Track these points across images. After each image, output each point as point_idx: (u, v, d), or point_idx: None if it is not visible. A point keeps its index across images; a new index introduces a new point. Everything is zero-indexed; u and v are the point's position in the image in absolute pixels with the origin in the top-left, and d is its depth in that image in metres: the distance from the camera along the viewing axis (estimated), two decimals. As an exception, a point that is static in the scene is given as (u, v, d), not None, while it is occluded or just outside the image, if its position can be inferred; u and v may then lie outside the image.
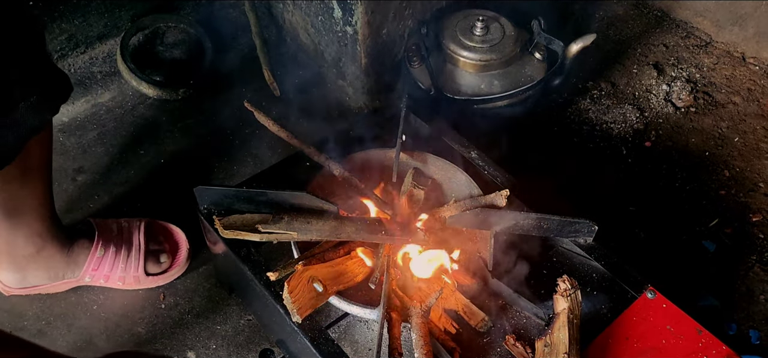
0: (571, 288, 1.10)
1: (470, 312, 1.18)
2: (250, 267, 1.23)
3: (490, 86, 1.63)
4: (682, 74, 2.03)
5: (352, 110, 1.96)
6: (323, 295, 1.15)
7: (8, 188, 1.28)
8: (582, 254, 1.28)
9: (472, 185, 1.35)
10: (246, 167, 1.81)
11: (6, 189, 1.28)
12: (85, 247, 1.48)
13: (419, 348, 1.06)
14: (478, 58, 1.63)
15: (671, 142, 1.87)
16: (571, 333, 1.07)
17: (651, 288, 1.20)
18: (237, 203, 1.28)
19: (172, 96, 1.97)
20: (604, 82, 2.03)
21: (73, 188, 1.75)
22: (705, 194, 1.75)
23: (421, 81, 1.64)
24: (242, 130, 1.90)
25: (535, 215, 1.23)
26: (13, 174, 1.23)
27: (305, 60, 2.10)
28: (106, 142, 1.87)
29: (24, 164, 1.23)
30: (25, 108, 1.09)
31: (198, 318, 1.50)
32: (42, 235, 1.40)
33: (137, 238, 1.52)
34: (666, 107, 1.95)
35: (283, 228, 1.21)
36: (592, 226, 1.25)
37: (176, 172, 1.80)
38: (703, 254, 1.63)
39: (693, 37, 2.16)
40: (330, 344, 1.13)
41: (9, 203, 1.30)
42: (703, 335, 1.14)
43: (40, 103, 1.13)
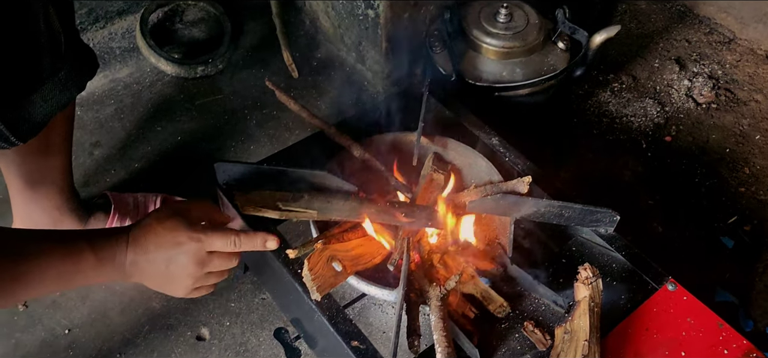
0: (592, 276, 1.09)
1: (489, 297, 1.17)
2: (268, 244, 1.22)
3: (512, 74, 1.62)
4: (704, 70, 2.02)
5: (371, 95, 1.95)
6: (342, 274, 1.14)
7: (30, 160, 1.28)
8: (602, 244, 1.27)
9: (492, 171, 1.34)
10: (262, 148, 1.81)
11: (28, 162, 1.28)
12: (102, 220, 1.48)
13: (438, 330, 1.06)
14: (501, 45, 1.62)
15: (691, 137, 1.86)
16: (592, 321, 1.06)
17: (672, 280, 1.19)
18: (256, 180, 1.27)
19: (190, 74, 1.97)
20: (626, 76, 2.01)
21: (90, 162, 1.75)
22: (724, 191, 1.74)
23: (442, 67, 1.63)
24: (259, 111, 1.90)
25: (557, 202, 1.22)
26: (36, 147, 1.23)
27: (324, 43, 2.09)
28: (124, 117, 1.87)
29: (47, 138, 1.23)
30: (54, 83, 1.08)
31: (212, 295, 1.50)
32: (60, 208, 1.40)
33: (153, 212, 1.52)
34: (687, 103, 1.94)
35: (302, 206, 1.20)
36: (613, 215, 1.24)
37: (192, 150, 1.79)
38: (721, 250, 1.62)
39: (716, 34, 2.14)
40: (348, 324, 1.12)
41: (30, 176, 1.30)
42: (724, 328, 1.13)
43: (69, 79, 1.13)
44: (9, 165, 1.29)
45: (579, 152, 1.80)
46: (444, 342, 1.04)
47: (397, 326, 1.06)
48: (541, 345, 1.11)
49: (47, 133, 1.18)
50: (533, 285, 1.19)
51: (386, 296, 1.19)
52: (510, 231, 1.23)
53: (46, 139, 1.24)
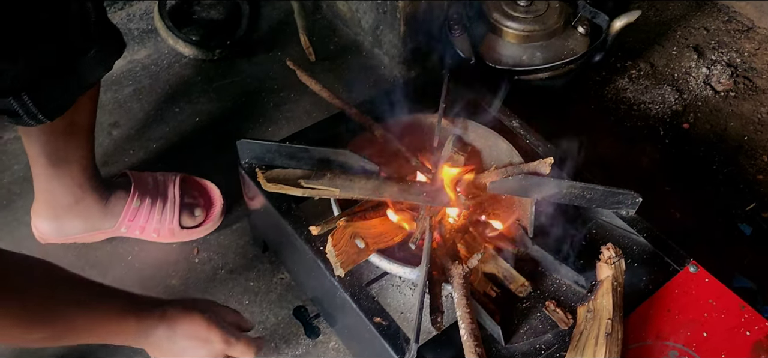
0: (615, 256, 1.09)
1: (510, 276, 1.18)
2: (290, 221, 1.23)
3: (531, 58, 1.62)
4: (722, 58, 2.01)
5: (387, 79, 1.96)
6: (365, 251, 1.15)
7: (55, 138, 1.29)
8: (623, 226, 1.27)
9: (513, 152, 1.35)
10: (280, 130, 1.81)
11: (52, 140, 1.29)
12: (122, 198, 1.49)
13: (462, 307, 1.06)
14: (522, 28, 1.62)
15: (709, 125, 1.85)
16: (615, 300, 1.06)
17: (693, 262, 1.19)
18: (278, 159, 1.28)
19: (208, 56, 1.97)
20: (643, 63, 2.01)
21: (109, 141, 1.76)
22: (742, 178, 1.73)
23: (461, 50, 1.63)
24: (277, 94, 1.90)
25: (579, 183, 1.23)
26: (62, 126, 1.24)
27: (341, 27, 2.09)
28: (142, 98, 1.88)
29: (72, 117, 1.24)
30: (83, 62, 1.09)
31: (231, 274, 1.51)
32: (82, 186, 1.41)
33: (172, 191, 1.53)
34: (705, 90, 1.93)
35: (325, 184, 1.21)
36: (636, 197, 1.24)
37: (210, 132, 1.80)
38: (739, 236, 1.62)
39: (735, 22, 2.13)
40: (370, 300, 1.13)
41: (54, 154, 1.31)
42: (746, 310, 1.13)
43: (97, 59, 1.14)
44: (33, 143, 1.30)
45: (596, 138, 1.80)
46: (467, 319, 1.05)
47: (420, 303, 1.06)
48: (563, 324, 1.12)
49: (73, 112, 1.18)
50: (555, 265, 1.20)
51: (408, 275, 1.19)
52: (531, 212, 1.23)
53: (72, 118, 1.25)
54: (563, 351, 1.09)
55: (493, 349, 1.10)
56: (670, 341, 1.10)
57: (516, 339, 1.11)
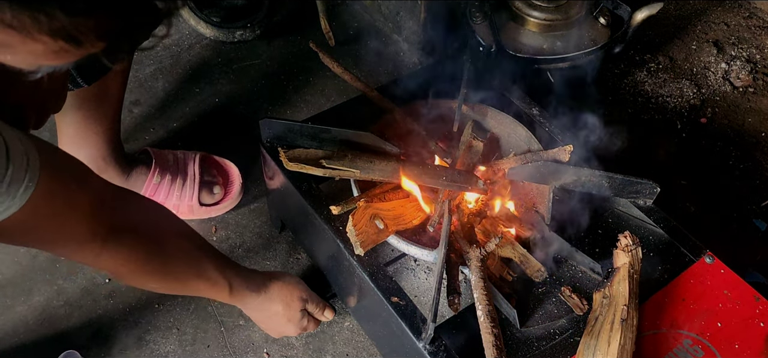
0: (632, 244, 1.11)
1: (527, 262, 1.19)
2: (310, 201, 1.24)
3: (552, 47, 1.63)
4: (742, 54, 2.01)
5: (406, 65, 1.97)
6: (384, 232, 1.17)
7: (86, 106, 1.31)
8: (639, 216, 1.28)
9: (532, 140, 1.36)
10: (299, 113, 1.83)
11: (84, 107, 1.31)
12: (143, 173, 1.51)
13: (479, 289, 1.08)
14: (543, 17, 1.62)
15: (727, 120, 1.85)
16: (631, 287, 1.07)
17: (709, 253, 1.20)
18: (300, 139, 1.29)
19: (229, 38, 1.99)
20: (662, 56, 2.01)
21: (130, 119, 1.78)
22: (759, 174, 1.74)
23: (482, 38, 1.64)
24: (296, 77, 1.92)
25: (598, 172, 1.24)
26: (94, 93, 1.25)
27: (361, 12, 2.10)
28: (162, 78, 1.89)
29: (105, 85, 1.26)
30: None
31: (248, 252, 1.53)
32: (105, 158, 1.43)
33: (192, 168, 1.55)
34: (724, 86, 1.93)
35: (346, 165, 1.22)
36: (654, 187, 1.25)
37: (230, 112, 1.82)
38: (754, 232, 1.62)
39: (755, 18, 2.13)
40: (388, 280, 1.14)
41: (83, 122, 1.33)
42: (761, 302, 1.14)
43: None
44: (65, 110, 1.31)
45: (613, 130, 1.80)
46: (484, 300, 1.06)
47: (437, 284, 1.07)
48: (579, 310, 1.13)
49: (106, 81, 1.20)
50: (571, 252, 1.21)
51: (426, 257, 1.20)
52: (549, 198, 1.24)
53: (104, 86, 1.27)
54: (577, 336, 1.10)
55: (508, 332, 1.11)
56: (684, 329, 1.11)
57: (531, 323, 1.13)
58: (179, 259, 1.09)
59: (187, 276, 1.12)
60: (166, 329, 1.39)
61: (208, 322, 1.40)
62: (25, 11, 0.43)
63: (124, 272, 1.04)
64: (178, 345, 1.37)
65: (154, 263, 1.04)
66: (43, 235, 0.87)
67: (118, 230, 0.95)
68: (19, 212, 0.76)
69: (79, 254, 0.94)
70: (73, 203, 0.88)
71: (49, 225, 0.85)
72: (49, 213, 0.83)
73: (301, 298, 1.28)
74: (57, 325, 1.38)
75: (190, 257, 1.10)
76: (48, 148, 0.84)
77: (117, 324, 1.39)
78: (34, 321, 1.38)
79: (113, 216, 0.95)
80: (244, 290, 1.20)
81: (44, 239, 0.90)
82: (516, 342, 1.10)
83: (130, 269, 1.02)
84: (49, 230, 0.86)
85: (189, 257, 1.10)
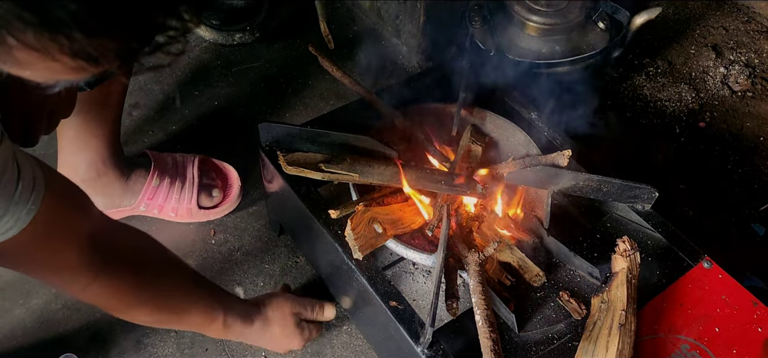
0: (630, 249, 1.11)
1: (525, 266, 1.19)
2: (309, 204, 1.24)
3: (551, 51, 1.63)
4: (740, 58, 2.01)
5: (406, 68, 1.97)
6: (383, 236, 1.17)
7: (87, 109, 1.31)
8: (638, 221, 1.28)
9: (530, 144, 1.36)
10: (298, 116, 1.83)
11: (85, 112, 1.31)
12: (142, 176, 1.51)
13: (477, 294, 1.08)
14: (542, 21, 1.63)
15: (726, 124, 1.86)
16: (629, 292, 1.07)
17: (707, 258, 1.21)
18: (299, 142, 1.29)
19: (228, 41, 1.99)
20: (661, 61, 2.01)
21: (129, 122, 1.78)
22: (757, 178, 1.74)
23: (481, 41, 1.64)
24: (295, 80, 1.92)
25: (596, 176, 1.24)
26: (96, 97, 1.26)
27: (361, 16, 2.11)
28: (162, 80, 1.90)
29: (106, 90, 1.26)
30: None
31: (247, 256, 1.53)
32: (105, 161, 1.43)
33: (191, 171, 1.55)
34: (722, 90, 1.94)
35: (345, 169, 1.22)
36: (652, 192, 1.25)
37: (229, 115, 1.82)
38: (752, 236, 1.62)
39: (754, 23, 2.13)
40: (386, 284, 1.14)
41: (83, 126, 1.33)
42: (759, 307, 1.14)
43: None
44: None
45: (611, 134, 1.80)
46: (483, 305, 1.06)
47: (436, 288, 1.07)
48: (577, 314, 1.13)
49: (108, 85, 1.20)
50: (569, 257, 1.21)
51: (425, 261, 1.21)
52: (547, 203, 1.24)
53: (106, 91, 1.27)
54: (576, 341, 1.10)
55: (506, 336, 1.11)
56: (682, 334, 1.11)
57: (529, 327, 1.13)
58: (171, 296, 1.07)
59: (178, 312, 1.11)
60: (165, 333, 1.38)
61: (207, 325, 1.40)
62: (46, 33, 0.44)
63: (113, 305, 1.02)
64: (176, 348, 1.36)
65: (144, 298, 1.03)
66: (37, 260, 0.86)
67: (111, 263, 0.94)
68: (19, 234, 0.75)
69: (69, 284, 0.94)
70: (71, 231, 0.87)
71: (45, 251, 0.85)
72: (47, 237, 0.82)
73: (293, 313, 1.27)
74: (55, 328, 1.38)
75: (183, 294, 1.09)
76: (51, 172, 0.84)
77: (115, 327, 1.39)
78: (33, 324, 1.38)
79: (109, 248, 0.94)
80: (238, 324, 1.18)
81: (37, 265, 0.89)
82: (514, 347, 1.10)
83: (119, 302, 1.01)
84: (43, 255, 0.86)
85: (182, 294, 1.09)
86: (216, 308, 1.14)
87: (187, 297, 1.10)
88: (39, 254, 0.85)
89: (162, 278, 1.06)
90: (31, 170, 0.75)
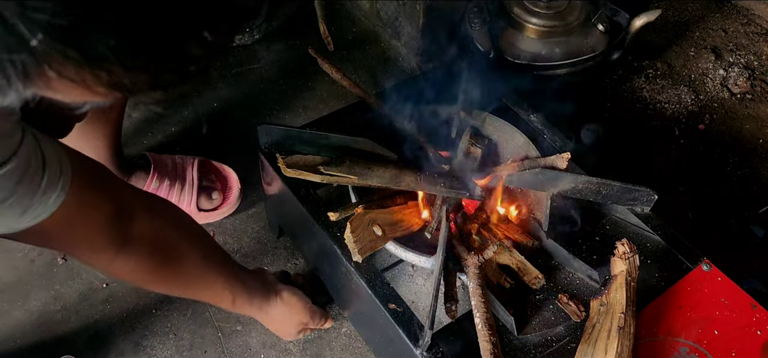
0: (629, 252, 1.11)
1: (524, 269, 1.19)
2: (308, 207, 1.24)
3: (550, 53, 1.63)
4: (740, 60, 2.01)
5: (405, 70, 1.97)
6: (382, 238, 1.17)
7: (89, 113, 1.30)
8: (637, 223, 1.28)
9: (530, 146, 1.36)
10: (297, 117, 1.83)
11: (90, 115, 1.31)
12: (142, 178, 1.51)
13: (476, 296, 1.08)
14: (542, 23, 1.63)
15: (725, 127, 1.86)
16: (628, 295, 1.07)
17: (707, 261, 1.21)
18: (298, 145, 1.29)
19: (228, 42, 1.99)
20: (661, 63, 2.01)
21: (128, 124, 1.78)
22: (756, 181, 1.74)
23: (481, 44, 1.64)
24: (294, 82, 1.92)
25: (595, 179, 1.24)
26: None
27: (360, 18, 2.11)
28: (161, 82, 1.89)
29: None
30: None
31: (246, 258, 1.53)
32: (105, 163, 1.43)
33: (191, 173, 1.55)
34: (722, 92, 1.94)
35: (344, 171, 1.22)
36: (651, 194, 1.25)
37: (228, 117, 1.82)
38: (751, 239, 1.62)
39: (753, 25, 2.13)
40: (385, 287, 1.14)
41: (85, 128, 1.33)
42: (757, 310, 1.14)
43: None
44: None
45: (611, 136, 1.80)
46: (482, 308, 1.06)
47: (435, 291, 1.08)
48: (576, 317, 1.13)
49: None
50: (568, 259, 1.21)
51: (424, 263, 1.21)
52: (546, 206, 1.24)
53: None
54: (574, 343, 1.10)
55: (505, 339, 1.11)
56: (681, 337, 1.11)
57: (528, 330, 1.13)
58: (189, 272, 1.09)
59: (193, 288, 1.14)
60: (164, 334, 1.38)
61: (206, 327, 1.40)
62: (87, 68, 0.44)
63: (133, 279, 1.06)
64: (175, 350, 1.37)
65: (163, 273, 1.05)
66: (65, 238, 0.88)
67: (134, 241, 0.96)
68: (49, 218, 0.77)
69: (92, 260, 0.96)
70: (96, 212, 0.89)
71: (72, 230, 0.87)
72: (74, 219, 0.84)
73: (300, 320, 1.29)
74: (54, 330, 1.38)
75: (199, 269, 1.11)
76: (78, 155, 0.85)
77: (114, 329, 1.39)
78: (32, 326, 1.38)
79: (132, 226, 0.95)
80: (245, 305, 1.20)
81: (65, 242, 0.91)
82: (513, 349, 1.10)
83: (140, 277, 1.04)
84: (67, 236, 0.87)
85: (198, 269, 1.10)
86: (227, 290, 1.15)
87: (202, 277, 1.12)
88: (66, 234, 0.86)
89: (183, 258, 1.07)
90: (56, 157, 0.77)
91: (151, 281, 1.07)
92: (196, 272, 1.11)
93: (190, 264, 1.09)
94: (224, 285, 1.14)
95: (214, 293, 1.15)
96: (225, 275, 1.15)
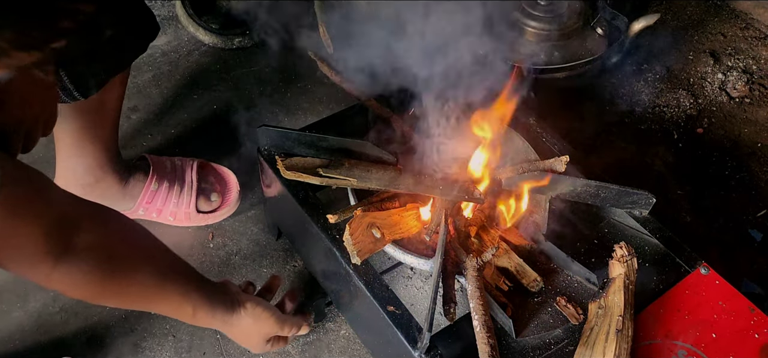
0: (627, 255, 1.11)
1: (523, 271, 1.19)
2: (307, 209, 1.25)
3: (549, 56, 1.64)
4: (738, 64, 2.02)
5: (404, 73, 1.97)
6: (381, 241, 1.17)
7: (84, 117, 1.31)
8: (635, 226, 1.29)
9: (529, 150, 1.36)
10: (297, 120, 1.83)
11: (81, 118, 1.31)
12: (141, 180, 1.51)
13: (475, 299, 1.08)
14: (541, 27, 1.63)
15: (723, 130, 1.86)
16: (626, 298, 1.08)
17: (705, 264, 1.21)
18: (297, 147, 1.29)
19: (228, 45, 1.99)
20: (659, 66, 2.02)
21: (127, 125, 1.78)
22: (754, 184, 1.74)
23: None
24: (294, 84, 1.92)
25: (594, 182, 1.24)
26: (92, 105, 1.26)
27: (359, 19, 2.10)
28: (161, 84, 1.90)
29: (103, 96, 1.26)
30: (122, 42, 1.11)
31: (245, 260, 1.53)
32: (103, 166, 1.43)
33: (190, 175, 1.55)
34: (720, 96, 1.94)
35: (343, 174, 1.23)
36: (650, 198, 1.25)
37: (227, 119, 1.82)
38: (749, 242, 1.63)
39: (752, 29, 2.14)
40: (384, 289, 1.14)
41: (80, 132, 1.34)
42: (755, 313, 1.15)
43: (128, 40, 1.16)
44: (62, 120, 1.31)
45: (610, 139, 1.81)
46: (481, 310, 1.06)
47: (433, 294, 1.08)
48: (574, 319, 1.13)
49: (103, 93, 1.20)
50: (567, 262, 1.21)
51: (422, 266, 1.21)
52: (545, 208, 1.25)
53: (102, 98, 1.27)
54: (573, 346, 1.10)
55: (504, 342, 1.11)
56: (679, 340, 1.12)
57: (527, 333, 1.13)
58: (141, 283, 1.05)
59: (147, 300, 1.10)
60: (162, 336, 1.39)
61: (204, 329, 1.40)
62: None
63: (77, 294, 1.01)
64: (173, 352, 1.37)
65: (111, 286, 1.01)
66: None
67: (76, 252, 0.93)
68: None
69: (30, 273, 0.92)
70: (30, 221, 0.86)
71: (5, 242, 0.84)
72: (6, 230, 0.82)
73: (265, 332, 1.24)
74: (53, 331, 1.38)
75: (152, 283, 1.06)
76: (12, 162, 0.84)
77: (113, 331, 1.39)
78: (30, 327, 1.38)
79: (71, 237, 0.92)
80: (208, 318, 1.15)
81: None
82: (512, 352, 1.11)
83: (85, 291, 1.00)
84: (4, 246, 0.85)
85: (151, 282, 1.06)
86: (186, 302, 1.10)
87: (157, 291, 1.07)
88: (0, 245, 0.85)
89: (131, 270, 1.02)
90: None
91: (98, 294, 1.02)
92: (149, 284, 1.06)
93: (143, 275, 1.04)
94: (182, 298, 1.10)
95: (172, 306, 1.11)
96: (183, 287, 1.10)
